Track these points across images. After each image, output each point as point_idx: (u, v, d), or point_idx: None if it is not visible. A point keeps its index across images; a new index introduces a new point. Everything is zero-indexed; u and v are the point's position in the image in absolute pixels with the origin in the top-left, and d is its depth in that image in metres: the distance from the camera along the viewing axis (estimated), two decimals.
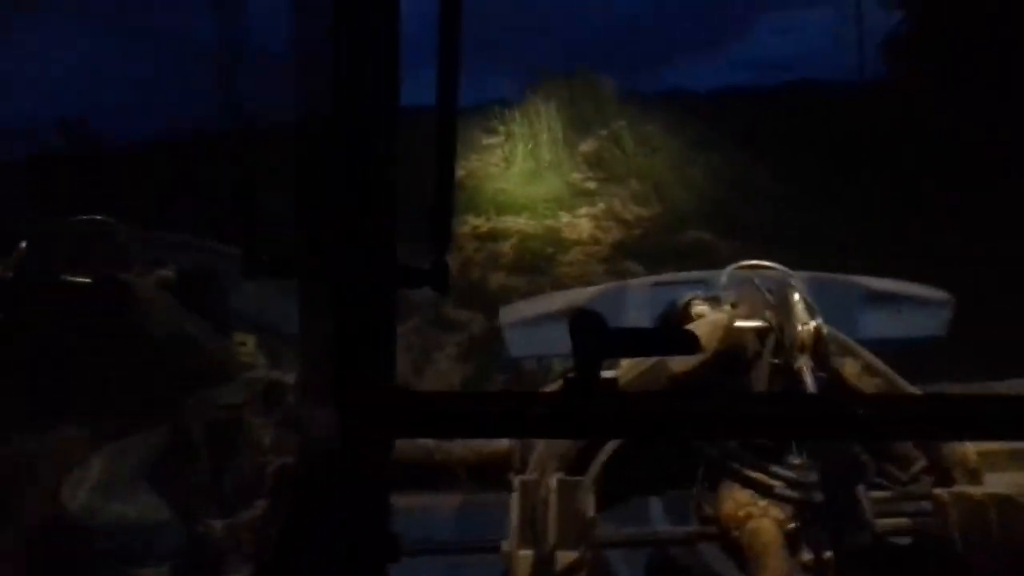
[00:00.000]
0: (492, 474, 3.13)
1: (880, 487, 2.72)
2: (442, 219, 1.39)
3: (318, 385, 1.54)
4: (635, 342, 1.43)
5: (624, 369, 2.85)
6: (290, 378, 2.82)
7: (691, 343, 1.39)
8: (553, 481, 2.58)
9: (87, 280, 4.43)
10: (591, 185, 13.67)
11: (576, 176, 13.79)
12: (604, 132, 13.95)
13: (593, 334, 1.34)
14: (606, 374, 1.35)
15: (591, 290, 5.58)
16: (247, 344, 3.10)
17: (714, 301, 3.26)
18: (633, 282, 5.60)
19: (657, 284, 5.05)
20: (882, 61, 13.76)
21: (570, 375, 1.36)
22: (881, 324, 4.60)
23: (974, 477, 2.69)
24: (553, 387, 2.94)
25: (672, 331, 2.39)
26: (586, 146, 13.99)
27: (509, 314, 5.49)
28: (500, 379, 9.44)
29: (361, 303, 1.31)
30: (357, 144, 1.29)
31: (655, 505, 3.40)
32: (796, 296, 2.76)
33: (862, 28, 14.36)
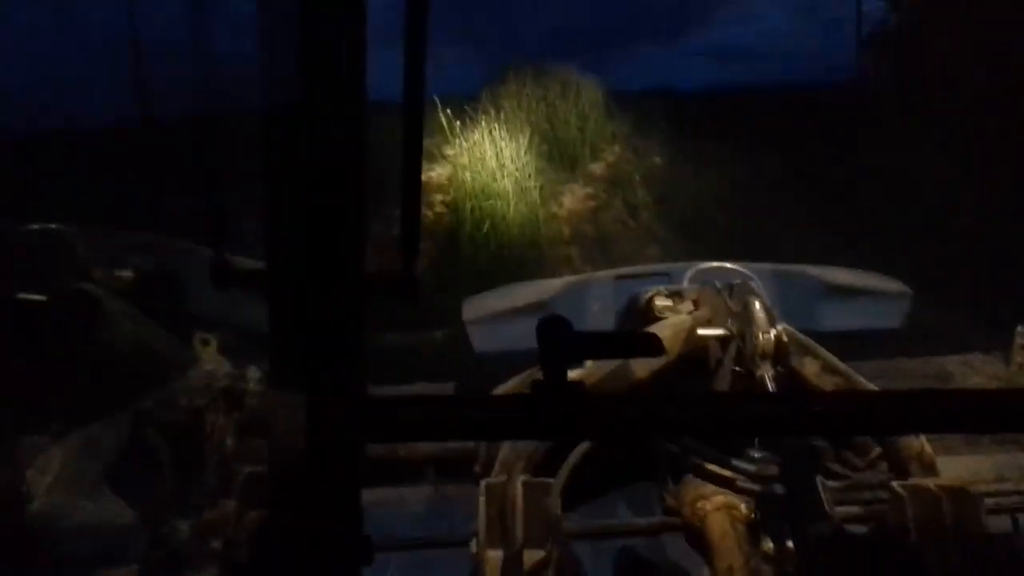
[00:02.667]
0: (458, 468, 3.16)
1: (837, 475, 2.79)
2: (410, 225, 1.40)
3: (288, 392, 1.55)
4: (601, 345, 1.46)
5: (587, 372, 2.89)
6: (254, 378, 2.81)
7: (655, 346, 1.42)
8: (520, 484, 2.61)
9: (43, 298, 4.30)
10: None
11: None
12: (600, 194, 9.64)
13: (560, 338, 1.37)
14: (572, 376, 1.38)
15: (555, 283, 5.59)
16: (211, 344, 3.07)
17: (676, 297, 3.31)
18: (597, 275, 5.64)
19: (620, 277, 5.09)
20: (860, 57, 12.64)
21: (537, 378, 1.38)
22: (840, 316, 4.68)
23: (929, 470, 2.77)
24: (514, 384, 2.97)
25: (637, 335, 2.43)
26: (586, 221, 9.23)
27: (473, 309, 5.48)
28: None
29: (330, 311, 1.32)
30: (324, 147, 1.29)
31: (621, 500, 3.44)
32: (757, 304, 2.80)
33: (859, 22, 12.53)
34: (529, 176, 9.49)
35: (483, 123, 9.87)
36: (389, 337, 7.25)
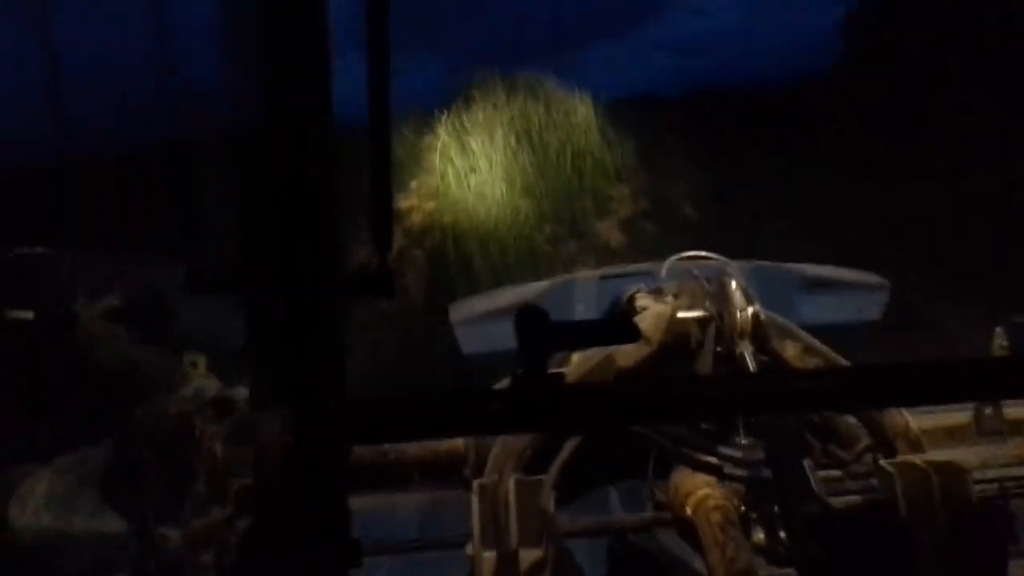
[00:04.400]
0: (448, 472, 3.16)
1: (826, 467, 2.80)
2: (382, 221, 1.41)
3: (271, 397, 1.55)
4: (579, 334, 1.48)
5: (573, 366, 2.90)
6: (243, 393, 2.82)
7: (632, 332, 1.44)
8: (512, 482, 2.61)
9: (30, 315, 4.34)
10: None
11: None
12: None
13: (538, 328, 1.38)
14: (554, 370, 1.39)
15: (540, 285, 5.60)
16: (198, 364, 3.08)
17: (657, 293, 3.34)
18: (581, 276, 5.66)
19: (604, 278, 5.10)
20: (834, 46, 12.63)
21: (518, 371, 1.39)
22: (819, 310, 4.71)
23: (916, 447, 2.79)
24: (503, 384, 2.98)
25: (614, 322, 2.45)
26: None
27: (459, 311, 5.49)
28: None
29: (307, 312, 1.33)
30: (293, 152, 1.30)
31: (613, 496, 3.45)
32: (733, 284, 2.85)
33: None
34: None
35: (444, 167, 7.25)
36: None
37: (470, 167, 7.54)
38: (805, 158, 8.83)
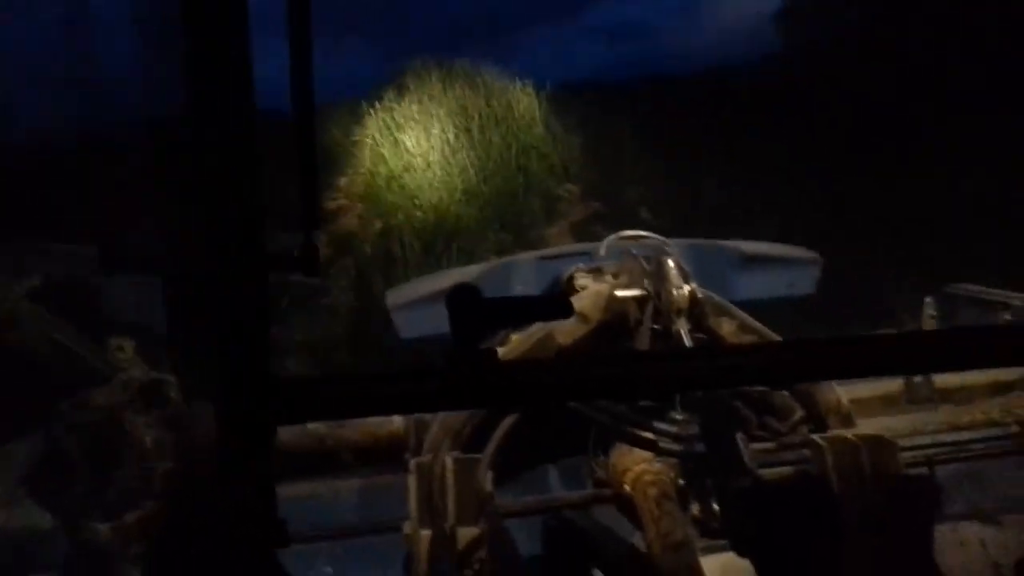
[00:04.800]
0: (387, 456, 3.13)
1: (761, 439, 2.85)
2: (308, 200, 1.38)
3: (195, 380, 1.51)
4: (511, 311, 1.46)
5: (512, 345, 2.90)
6: (171, 378, 2.76)
7: (566, 307, 1.43)
8: (449, 460, 2.60)
9: None
10: None
11: None
12: None
13: (469, 305, 1.36)
14: (490, 347, 1.38)
15: (477, 267, 5.59)
16: (125, 349, 3.01)
17: (596, 272, 3.36)
18: (519, 257, 5.64)
19: (542, 259, 5.11)
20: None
21: (451, 349, 1.37)
22: (755, 286, 4.79)
23: (847, 421, 2.85)
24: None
25: (548, 298, 2.44)
26: None
27: (396, 296, 5.46)
28: None
29: (228, 293, 1.29)
30: (214, 135, 1.26)
31: (552, 473, 3.47)
32: (670, 262, 2.89)
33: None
34: None
35: (375, 166, 6.77)
36: None
37: (404, 167, 7.07)
38: (764, 148, 8.58)
